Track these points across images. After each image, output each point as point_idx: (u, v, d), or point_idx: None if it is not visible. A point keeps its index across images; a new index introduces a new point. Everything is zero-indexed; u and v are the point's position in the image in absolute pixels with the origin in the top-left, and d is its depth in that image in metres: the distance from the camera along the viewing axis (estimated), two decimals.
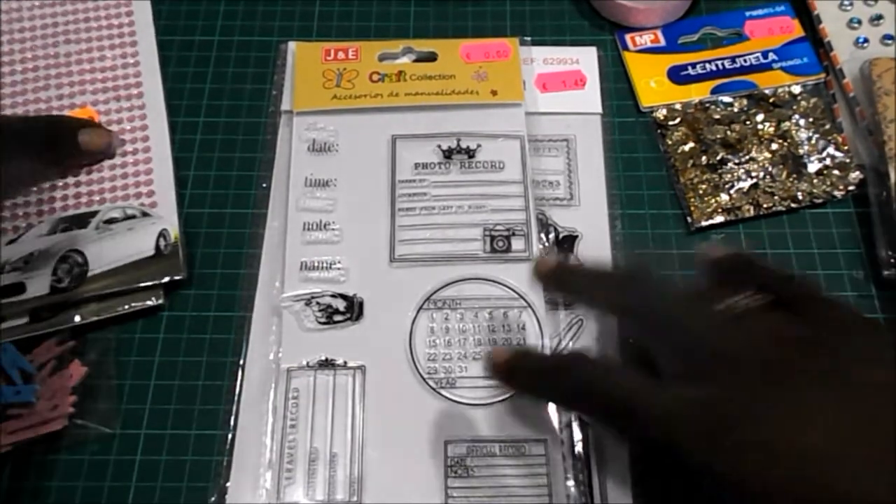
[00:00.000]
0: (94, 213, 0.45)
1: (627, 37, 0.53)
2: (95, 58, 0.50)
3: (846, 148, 0.48)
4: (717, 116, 0.50)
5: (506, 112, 0.48)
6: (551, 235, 0.45)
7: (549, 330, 0.42)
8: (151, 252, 0.44)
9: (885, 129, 0.46)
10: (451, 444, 0.39)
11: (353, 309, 0.43)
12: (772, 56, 0.52)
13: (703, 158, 0.48)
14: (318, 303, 0.42)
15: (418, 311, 0.43)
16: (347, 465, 0.39)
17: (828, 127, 0.49)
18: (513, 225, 0.45)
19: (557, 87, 0.50)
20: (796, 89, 0.50)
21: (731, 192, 0.47)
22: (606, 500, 0.38)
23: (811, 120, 0.49)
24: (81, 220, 0.45)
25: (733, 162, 0.48)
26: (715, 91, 0.50)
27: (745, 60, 0.52)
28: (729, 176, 0.48)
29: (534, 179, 0.46)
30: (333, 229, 0.45)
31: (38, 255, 0.44)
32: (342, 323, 0.42)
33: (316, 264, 0.44)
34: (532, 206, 0.45)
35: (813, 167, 0.48)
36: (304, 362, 0.42)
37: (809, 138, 0.49)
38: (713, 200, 0.47)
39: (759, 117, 0.49)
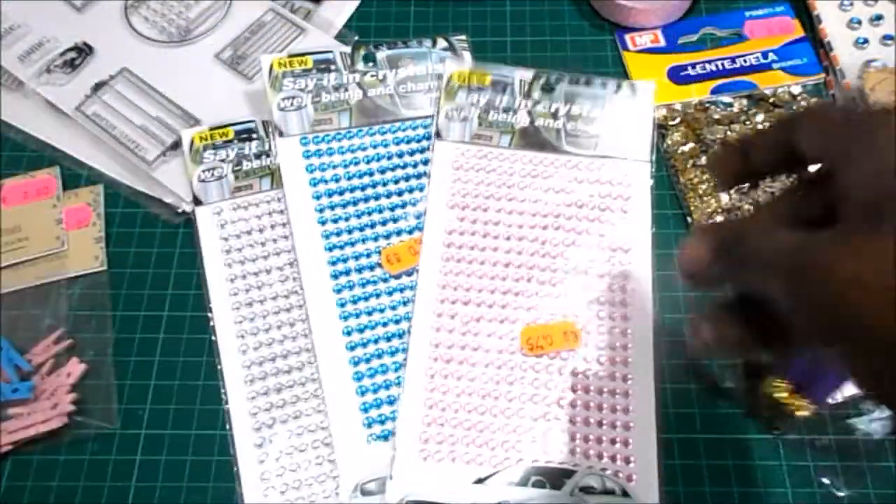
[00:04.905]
0: (569, 473, 0.38)
1: (627, 37, 0.53)
2: None
3: None
4: (717, 116, 0.50)
5: None
6: None
7: None
8: None
9: None
10: None
11: None
12: (772, 56, 0.52)
13: (703, 158, 0.48)
14: None
15: None
16: None
17: None
18: None
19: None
20: (796, 89, 0.50)
21: (731, 192, 0.47)
22: None
23: None
24: (556, 477, 0.38)
25: None
26: (715, 91, 0.50)
27: (744, 61, 0.52)
28: None
29: None
30: None
31: None
32: None
33: None
34: None
35: (812, 167, 0.48)
36: None
37: None
38: (713, 200, 0.47)
39: (759, 117, 0.49)
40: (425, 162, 0.47)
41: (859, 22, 0.52)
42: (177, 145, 0.48)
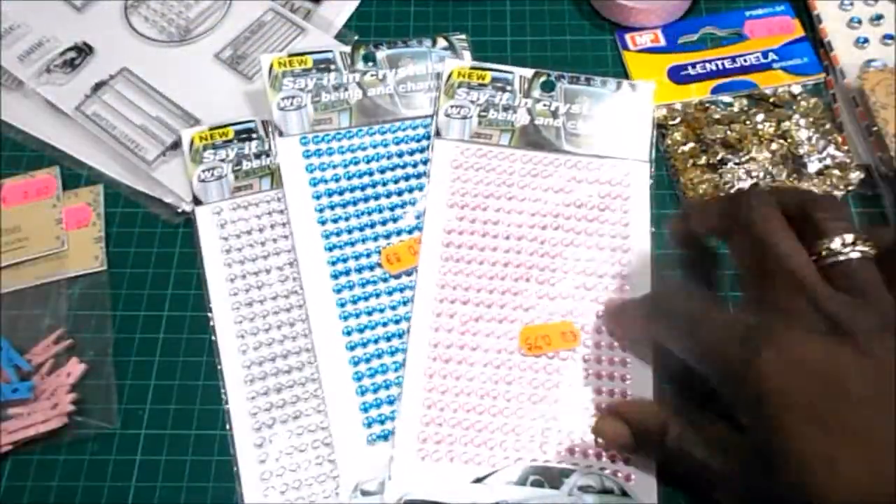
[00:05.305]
0: (567, 473, 0.38)
1: (627, 37, 0.53)
2: None
3: (846, 148, 0.48)
4: (717, 116, 0.50)
5: None
6: None
7: None
8: None
9: (890, 145, 0.45)
10: None
11: None
12: (772, 56, 0.52)
13: (703, 158, 0.48)
14: None
15: None
16: None
17: (828, 127, 0.49)
18: None
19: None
20: (796, 89, 0.50)
21: (732, 192, 0.47)
22: None
23: (811, 120, 0.49)
24: (555, 477, 0.38)
25: (733, 162, 0.48)
26: (715, 91, 0.50)
27: (745, 60, 0.52)
28: (729, 176, 0.48)
29: None
30: None
31: None
32: None
33: None
34: None
35: (813, 167, 0.48)
36: None
37: (809, 138, 0.49)
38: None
39: (759, 117, 0.49)
40: (425, 162, 0.47)
41: (859, 22, 0.52)
42: (177, 145, 0.48)
